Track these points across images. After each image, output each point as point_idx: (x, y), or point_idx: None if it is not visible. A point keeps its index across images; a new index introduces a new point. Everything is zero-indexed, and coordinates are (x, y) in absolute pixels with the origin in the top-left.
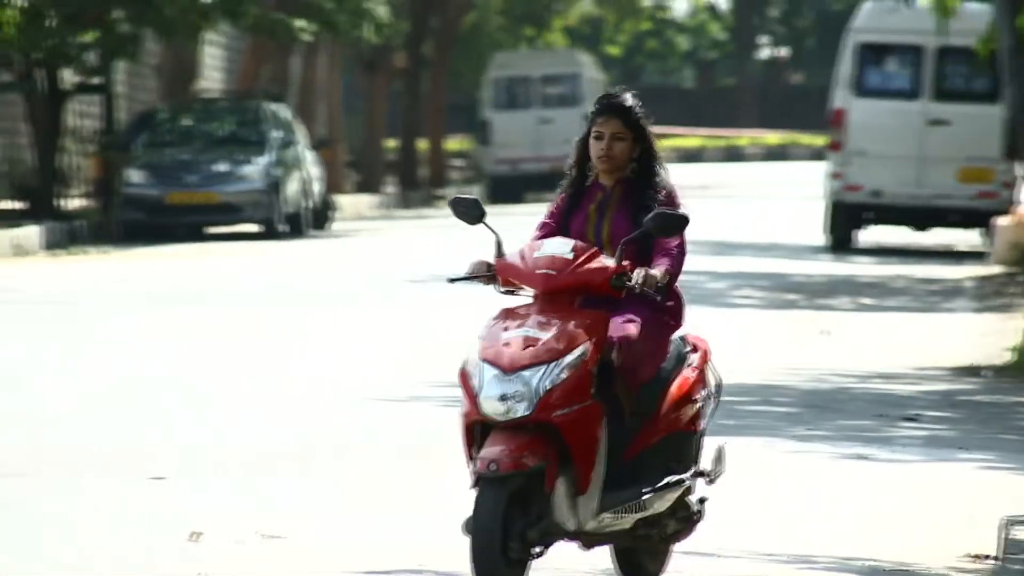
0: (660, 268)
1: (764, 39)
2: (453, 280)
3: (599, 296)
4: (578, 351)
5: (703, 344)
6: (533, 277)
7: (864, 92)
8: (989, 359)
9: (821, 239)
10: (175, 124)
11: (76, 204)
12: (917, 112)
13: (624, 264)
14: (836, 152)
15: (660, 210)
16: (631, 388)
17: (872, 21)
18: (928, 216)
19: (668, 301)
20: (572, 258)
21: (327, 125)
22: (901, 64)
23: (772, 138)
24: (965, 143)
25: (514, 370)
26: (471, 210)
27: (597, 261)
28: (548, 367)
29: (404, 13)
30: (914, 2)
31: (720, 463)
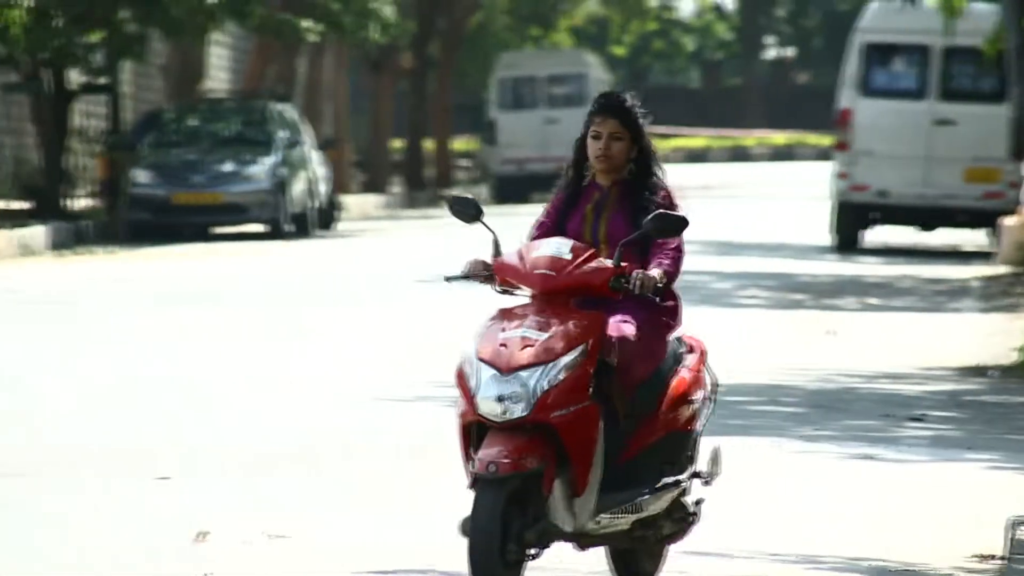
0: (658, 270)
1: (770, 39)
2: (450, 279)
3: (596, 297)
4: (576, 352)
5: (700, 345)
6: (531, 277)
7: (871, 92)
8: (995, 359)
9: (827, 239)
10: (181, 124)
11: (82, 204)
12: (924, 112)
13: (623, 265)
14: (843, 152)
15: (660, 212)
16: (626, 389)
17: (879, 21)
18: (934, 216)
19: (665, 301)
20: (571, 259)
21: (333, 125)
22: (908, 64)
23: (778, 138)
24: (972, 143)
25: (511, 370)
26: (469, 209)
27: (596, 262)
28: (546, 368)
29: (410, 13)
30: (921, 2)
31: (716, 464)
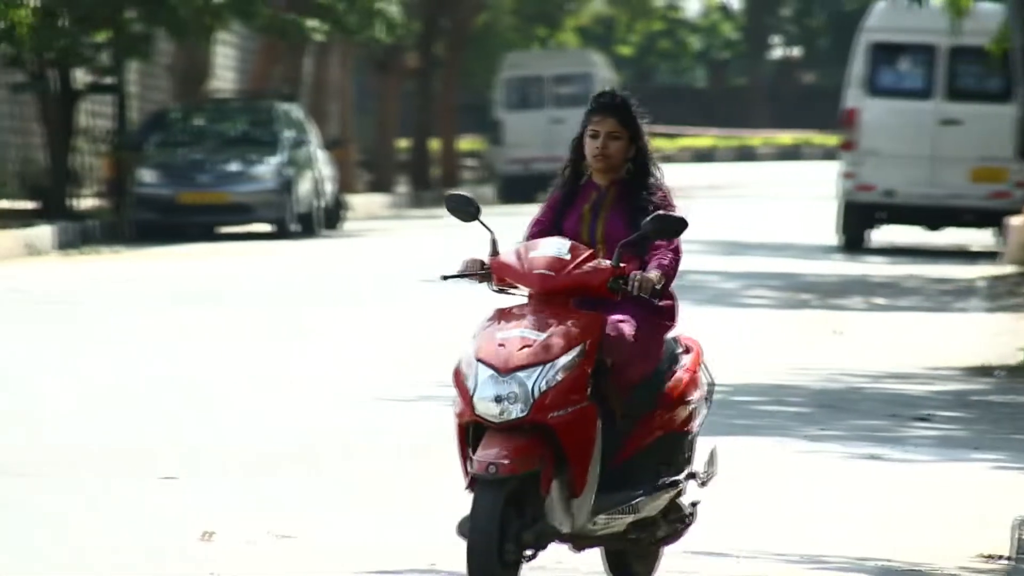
0: (656, 271)
1: (776, 39)
2: (446, 278)
3: (594, 297)
4: (574, 352)
5: (696, 345)
6: (530, 277)
7: (877, 92)
8: (1002, 359)
9: (834, 239)
10: (187, 124)
11: (88, 204)
12: (930, 112)
13: (622, 266)
14: (848, 152)
15: (659, 213)
16: (622, 389)
17: (885, 21)
18: (941, 216)
19: (662, 301)
20: (570, 259)
21: (339, 125)
22: (914, 64)
23: (785, 138)
24: (978, 143)
25: (509, 371)
26: (466, 207)
27: (594, 263)
28: (544, 368)
29: (416, 13)
30: (927, 2)
31: (712, 465)
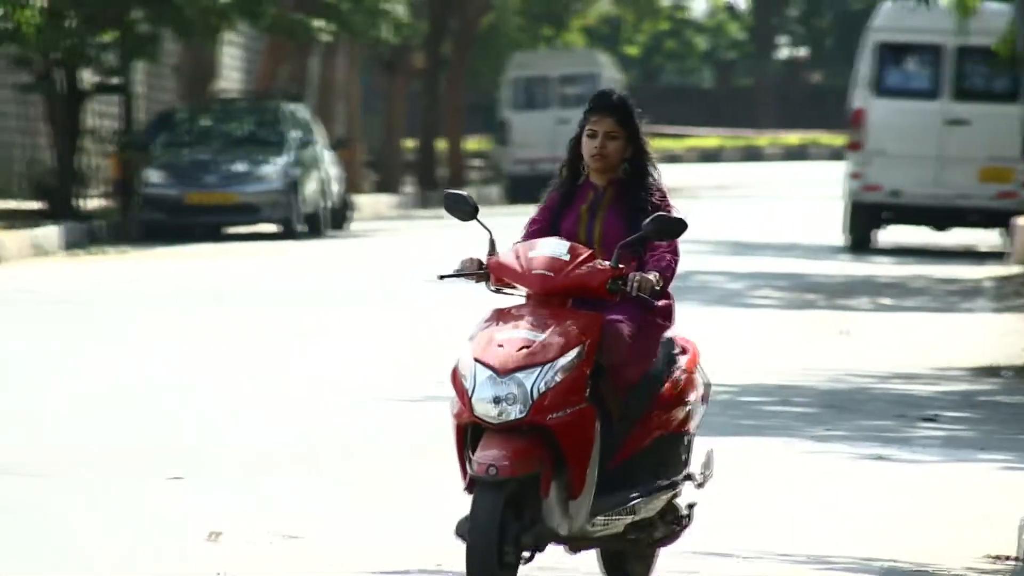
0: (655, 272)
1: (783, 39)
2: (443, 277)
3: (592, 298)
4: (573, 353)
5: (692, 346)
6: (529, 278)
7: (883, 92)
8: (1009, 359)
9: (840, 239)
10: (194, 124)
11: (95, 204)
12: (937, 112)
13: (620, 268)
14: (855, 152)
15: (659, 214)
16: (620, 390)
17: (891, 21)
18: (948, 216)
19: (659, 301)
20: (569, 260)
21: (346, 125)
22: (921, 64)
23: (791, 138)
24: (985, 143)
25: (508, 372)
26: (464, 206)
27: (593, 264)
28: (542, 369)
29: (423, 13)
30: (935, 2)
31: (709, 467)
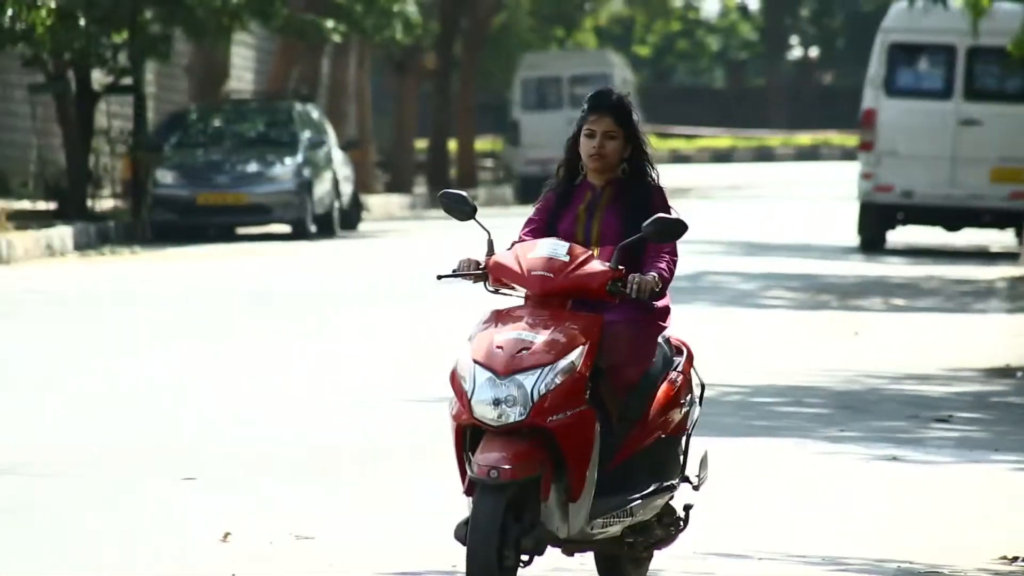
0: (655, 273)
1: (794, 39)
2: (441, 277)
3: (591, 299)
4: (573, 355)
5: (687, 347)
6: (529, 279)
7: (895, 92)
8: (1022, 360)
9: (853, 240)
10: (206, 125)
11: (107, 205)
12: (949, 112)
13: (620, 269)
14: (867, 152)
15: (659, 216)
16: (618, 391)
17: (903, 21)
18: (960, 217)
19: (657, 301)
20: (568, 261)
21: (357, 126)
22: (932, 64)
23: (803, 138)
24: (997, 143)
25: (508, 374)
26: (462, 206)
27: (593, 265)
28: (542, 371)
29: (434, 14)
30: (947, 2)
31: (704, 469)
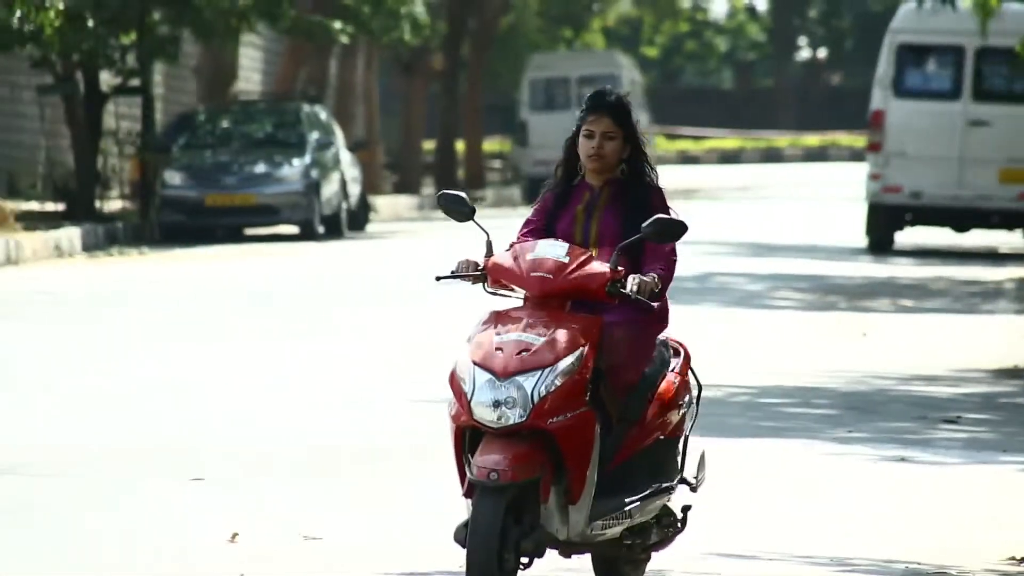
0: (654, 274)
1: (803, 40)
2: (440, 278)
3: (591, 300)
4: (573, 357)
5: (684, 348)
6: (528, 280)
7: (903, 93)
8: None
9: (861, 240)
10: (214, 126)
11: (115, 206)
12: (957, 113)
13: (619, 270)
14: (875, 153)
15: (659, 216)
16: (617, 392)
17: (912, 22)
18: (968, 217)
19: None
20: (567, 262)
21: (365, 127)
22: (941, 65)
23: (811, 139)
24: (1006, 144)
25: (507, 375)
26: (460, 207)
27: (593, 266)
28: (542, 373)
29: (441, 14)
30: (956, 3)
31: (702, 470)
